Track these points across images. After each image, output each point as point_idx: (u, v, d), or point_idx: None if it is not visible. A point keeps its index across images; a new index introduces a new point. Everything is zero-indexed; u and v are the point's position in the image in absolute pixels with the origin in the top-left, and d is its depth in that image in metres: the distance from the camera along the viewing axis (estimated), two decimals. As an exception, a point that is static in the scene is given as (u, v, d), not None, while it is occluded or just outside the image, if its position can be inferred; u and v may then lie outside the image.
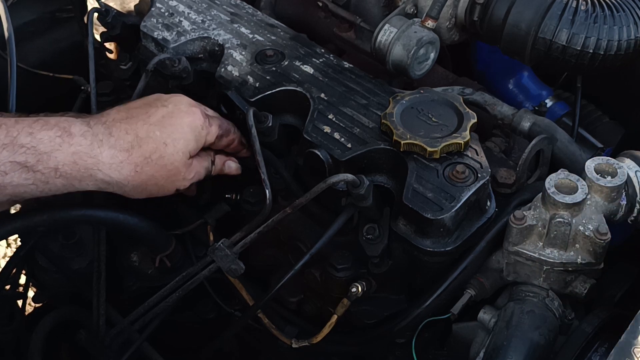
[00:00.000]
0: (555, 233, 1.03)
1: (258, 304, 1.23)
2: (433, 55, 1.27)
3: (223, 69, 1.25)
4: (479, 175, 1.08)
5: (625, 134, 1.42)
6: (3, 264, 1.40)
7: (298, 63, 1.25)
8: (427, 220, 1.05)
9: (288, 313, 1.30)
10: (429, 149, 1.08)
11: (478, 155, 1.11)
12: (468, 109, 1.14)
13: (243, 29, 1.31)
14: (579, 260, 1.04)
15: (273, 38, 1.30)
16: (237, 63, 1.26)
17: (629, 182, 1.07)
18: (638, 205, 1.08)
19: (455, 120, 1.13)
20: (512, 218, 1.04)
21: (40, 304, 1.58)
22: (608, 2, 1.22)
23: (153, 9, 1.36)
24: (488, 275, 1.12)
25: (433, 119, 1.13)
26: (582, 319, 1.07)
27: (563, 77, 1.58)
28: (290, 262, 1.23)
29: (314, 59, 1.26)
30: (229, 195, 1.31)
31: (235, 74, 1.24)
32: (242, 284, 1.27)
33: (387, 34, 1.24)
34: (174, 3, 1.36)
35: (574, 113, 1.41)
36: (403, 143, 1.09)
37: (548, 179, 1.04)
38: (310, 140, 1.14)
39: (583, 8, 1.21)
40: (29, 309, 1.59)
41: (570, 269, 1.05)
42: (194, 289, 1.19)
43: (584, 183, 1.04)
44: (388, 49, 1.24)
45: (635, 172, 1.09)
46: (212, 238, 1.31)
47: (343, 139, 1.14)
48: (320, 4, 1.39)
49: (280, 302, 1.31)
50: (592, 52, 1.20)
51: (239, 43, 1.29)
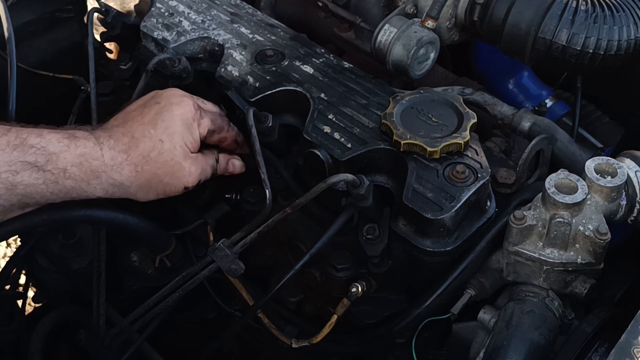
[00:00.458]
0: (555, 233, 1.03)
1: (258, 304, 1.23)
2: (433, 55, 1.27)
3: (223, 69, 1.25)
4: (479, 175, 1.08)
5: (625, 134, 1.42)
6: (3, 264, 1.40)
7: (298, 63, 1.25)
8: (427, 220, 1.05)
9: (288, 313, 1.30)
10: (429, 149, 1.08)
11: (478, 155, 1.11)
12: (468, 109, 1.14)
13: (243, 29, 1.31)
14: (579, 260, 1.04)
15: (273, 38, 1.30)
16: (237, 63, 1.26)
17: (629, 182, 1.07)
18: (638, 205, 1.08)
19: (455, 120, 1.13)
20: (512, 218, 1.04)
21: (40, 304, 1.58)
22: (608, 2, 1.22)
23: (153, 9, 1.36)
24: (488, 275, 1.12)
25: (433, 119, 1.13)
26: (582, 319, 1.07)
27: (563, 77, 1.58)
28: (290, 262, 1.23)
29: (314, 59, 1.26)
30: (229, 195, 1.31)
31: (235, 74, 1.24)
32: (242, 284, 1.27)
33: (387, 34, 1.24)
34: (174, 3, 1.36)
35: (574, 113, 1.41)
36: (403, 143, 1.09)
37: (548, 179, 1.04)
38: (310, 140, 1.14)
39: (583, 8, 1.21)
40: (29, 309, 1.59)
41: (570, 269, 1.05)
42: (194, 289, 1.19)
43: (584, 183, 1.04)
44: (388, 49, 1.24)
45: (635, 172, 1.09)
46: (212, 238, 1.31)
47: (343, 139, 1.14)
48: (320, 4, 1.39)
49: (280, 302, 1.31)
50: (592, 52, 1.20)
51: (239, 43, 1.29)
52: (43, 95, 1.56)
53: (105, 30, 1.45)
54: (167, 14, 1.34)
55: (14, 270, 1.38)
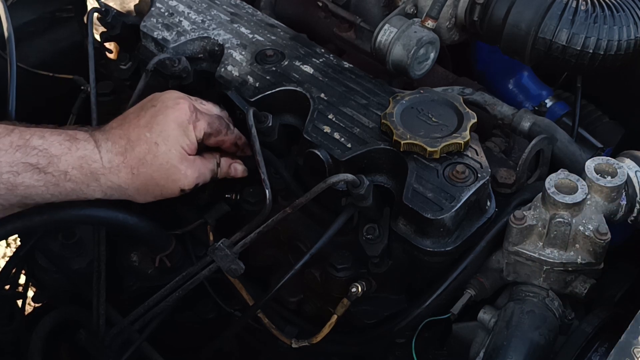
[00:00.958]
0: (555, 233, 1.03)
1: (258, 304, 1.23)
2: (433, 55, 1.27)
3: (223, 69, 1.25)
4: (479, 175, 1.08)
5: (625, 134, 1.42)
6: (3, 264, 1.40)
7: (298, 63, 1.25)
8: (427, 220, 1.05)
9: (288, 313, 1.30)
10: (429, 149, 1.08)
11: (478, 155, 1.11)
12: (468, 109, 1.14)
13: (243, 29, 1.31)
14: (579, 260, 1.04)
15: (273, 38, 1.30)
16: (237, 63, 1.26)
17: (629, 182, 1.07)
18: (638, 205, 1.08)
19: (455, 120, 1.13)
20: (512, 218, 1.04)
21: (40, 304, 1.58)
22: (608, 2, 1.22)
23: (153, 9, 1.36)
24: (488, 275, 1.12)
25: (433, 119, 1.13)
26: (582, 319, 1.07)
27: (563, 77, 1.58)
28: (290, 262, 1.23)
29: (314, 59, 1.26)
30: (229, 195, 1.31)
31: (235, 74, 1.24)
32: (242, 284, 1.27)
33: (387, 34, 1.24)
34: (174, 3, 1.36)
35: (574, 113, 1.41)
36: (403, 143, 1.09)
37: (548, 179, 1.04)
38: (310, 140, 1.14)
39: (583, 8, 1.21)
40: (29, 309, 1.59)
41: (570, 269, 1.05)
42: (194, 289, 1.19)
43: (584, 183, 1.04)
44: (388, 49, 1.24)
45: (635, 172, 1.09)
46: (212, 238, 1.31)
47: (343, 139, 1.14)
48: (320, 4, 1.39)
49: (280, 302, 1.30)
50: (592, 52, 1.20)
51: (239, 43, 1.29)
52: (43, 95, 1.55)
53: (105, 30, 1.45)
54: (167, 14, 1.34)
55: (14, 270, 1.38)
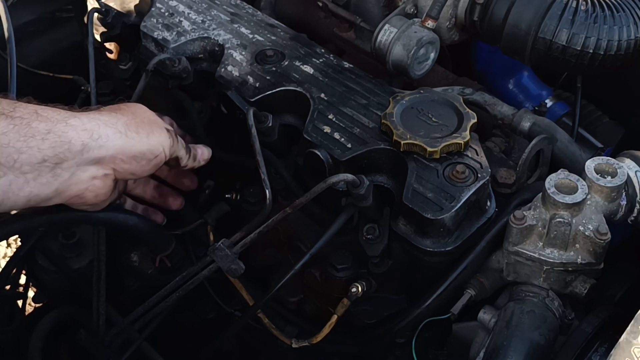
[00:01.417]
0: (555, 233, 1.03)
1: (258, 304, 1.23)
2: (433, 55, 1.27)
3: (223, 69, 1.25)
4: (479, 175, 1.08)
5: (625, 134, 1.42)
6: (3, 264, 1.40)
7: (298, 63, 1.25)
8: (427, 220, 1.05)
9: (288, 313, 1.30)
10: (429, 149, 1.08)
11: (478, 155, 1.11)
12: (468, 109, 1.14)
13: (243, 29, 1.31)
14: (579, 260, 1.04)
15: (273, 38, 1.30)
16: (237, 63, 1.26)
17: (629, 182, 1.07)
18: (638, 205, 1.08)
19: (455, 120, 1.13)
20: (512, 218, 1.04)
21: (40, 304, 1.58)
22: (608, 2, 1.22)
23: (153, 9, 1.36)
24: (488, 275, 1.12)
25: (433, 119, 1.13)
26: (582, 319, 1.07)
27: (563, 77, 1.58)
28: (290, 262, 1.23)
29: (314, 59, 1.26)
30: (229, 195, 1.31)
31: (235, 74, 1.24)
32: (242, 284, 1.27)
33: (387, 34, 1.24)
34: (174, 3, 1.36)
35: (574, 113, 1.41)
36: (403, 143, 1.09)
37: (548, 179, 1.04)
38: (310, 140, 1.14)
39: (583, 8, 1.20)
40: (29, 309, 1.59)
41: (570, 269, 1.05)
42: (194, 289, 1.19)
43: (584, 183, 1.04)
44: (388, 49, 1.24)
45: (635, 172, 1.09)
46: (212, 238, 1.31)
47: (343, 139, 1.14)
48: (320, 4, 1.39)
49: (280, 302, 1.31)
50: (592, 52, 1.20)
51: (239, 43, 1.29)
52: (43, 95, 1.55)
53: (105, 30, 1.45)
54: (167, 14, 1.34)
55: (14, 270, 1.38)
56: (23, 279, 1.46)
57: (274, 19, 1.37)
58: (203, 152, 1.21)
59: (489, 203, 1.12)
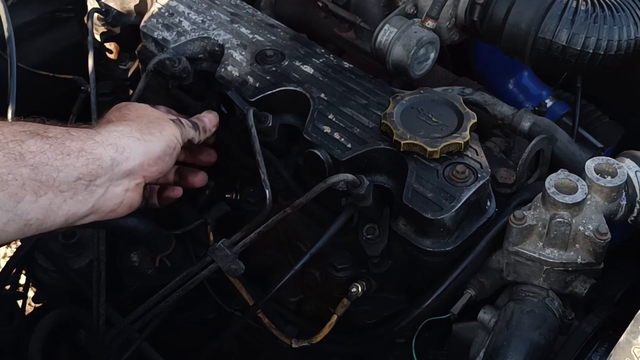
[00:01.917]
0: (555, 233, 1.03)
1: (258, 304, 1.23)
2: (433, 55, 1.27)
3: (223, 69, 1.25)
4: (479, 175, 1.08)
5: (625, 134, 1.42)
6: (3, 264, 1.40)
7: (298, 63, 1.25)
8: (427, 220, 1.05)
9: (288, 313, 1.30)
10: (429, 149, 1.08)
11: (478, 155, 1.11)
12: (468, 109, 1.14)
13: (243, 29, 1.31)
14: (579, 260, 1.04)
15: (273, 38, 1.30)
16: (237, 63, 1.26)
17: (629, 182, 1.07)
18: (638, 205, 1.08)
19: (455, 120, 1.13)
20: (512, 218, 1.04)
21: (40, 304, 1.58)
22: (608, 2, 1.22)
23: (153, 9, 1.36)
24: (488, 275, 1.12)
25: (433, 119, 1.13)
26: (582, 319, 1.07)
27: (563, 77, 1.58)
28: (290, 262, 1.23)
29: (314, 59, 1.26)
30: (229, 195, 1.31)
31: (235, 74, 1.24)
32: (242, 284, 1.27)
33: (387, 34, 1.24)
34: (174, 3, 1.36)
35: (574, 113, 1.41)
36: (403, 143, 1.09)
37: (548, 179, 1.04)
38: (310, 140, 1.14)
39: (583, 8, 1.20)
40: (29, 309, 1.59)
41: (570, 269, 1.05)
42: (194, 289, 1.19)
43: (584, 183, 1.04)
44: (388, 49, 1.24)
45: (635, 172, 1.09)
46: (212, 238, 1.31)
47: (343, 139, 1.14)
48: (320, 4, 1.39)
49: (280, 302, 1.31)
50: (592, 52, 1.20)
51: (239, 43, 1.29)
52: (43, 95, 1.56)
53: (105, 30, 1.45)
54: (167, 14, 1.34)
55: (14, 270, 1.38)
56: (23, 279, 1.47)
57: (274, 19, 1.37)
58: (210, 119, 1.20)
59: (489, 203, 1.12)
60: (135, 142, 1.04)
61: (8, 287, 1.41)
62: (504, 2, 1.25)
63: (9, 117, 1.26)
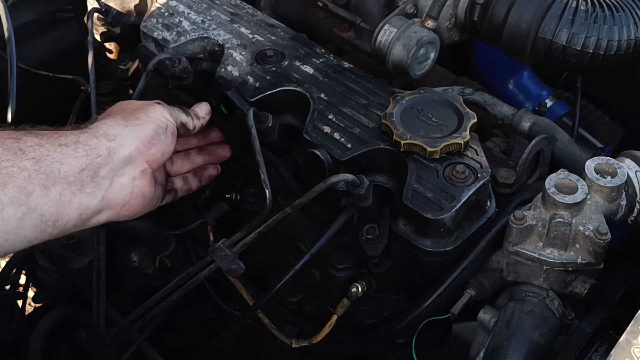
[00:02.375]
0: (555, 233, 1.03)
1: (258, 304, 1.23)
2: (433, 55, 1.27)
3: (223, 69, 1.25)
4: (479, 175, 1.08)
5: (625, 134, 1.42)
6: (3, 264, 1.40)
7: (298, 63, 1.25)
8: (427, 220, 1.05)
9: (288, 313, 1.30)
10: (429, 149, 1.08)
11: (478, 155, 1.11)
12: (468, 109, 1.14)
13: (243, 29, 1.31)
14: (579, 260, 1.04)
15: (273, 38, 1.30)
16: (237, 63, 1.26)
17: (629, 182, 1.07)
18: (638, 205, 1.08)
19: (455, 120, 1.13)
20: (512, 218, 1.04)
21: (40, 304, 1.58)
22: (608, 2, 1.22)
23: (153, 9, 1.36)
24: (488, 275, 1.12)
25: (433, 119, 1.13)
26: (582, 319, 1.07)
27: (563, 77, 1.58)
28: (290, 262, 1.23)
29: (314, 59, 1.26)
30: (229, 195, 1.31)
31: (235, 74, 1.24)
32: (242, 284, 1.27)
33: (387, 34, 1.24)
34: (174, 3, 1.36)
35: (574, 113, 1.41)
36: (403, 143, 1.09)
37: (548, 179, 1.04)
38: (310, 140, 1.14)
39: (583, 8, 1.21)
40: (29, 309, 1.59)
41: (570, 269, 1.05)
42: (194, 289, 1.19)
43: (584, 183, 1.04)
44: (388, 49, 1.24)
45: (635, 172, 1.09)
46: (212, 238, 1.31)
47: (343, 139, 1.14)
48: (320, 4, 1.39)
49: (280, 302, 1.31)
50: (592, 52, 1.20)
51: (239, 43, 1.29)
52: (43, 95, 1.56)
53: (105, 30, 1.45)
54: (167, 14, 1.34)
55: (14, 270, 1.38)
56: (23, 279, 1.47)
57: (274, 19, 1.37)
58: (201, 108, 1.21)
59: (489, 203, 1.12)
60: (124, 129, 1.05)
61: (8, 287, 1.41)
62: (504, 2, 1.25)
63: (9, 117, 1.26)
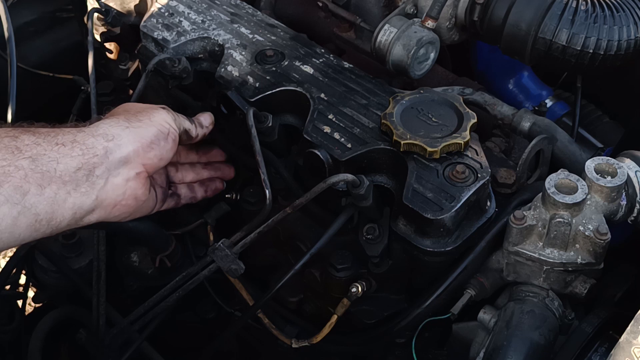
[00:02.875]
0: (555, 233, 1.03)
1: (258, 304, 1.23)
2: (433, 55, 1.27)
3: (223, 69, 1.25)
4: (479, 175, 1.08)
5: (625, 134, 1.42)
6: (3, 264, 1.40)
7: (298, 63, 1.25)
8: (427, 220, 1.05)
9: (288, 313, 1.30)
10: (429, 149, 1.08)
11: (478, 155, 1.11)
12: (468, 109, 1.14)
13: (243, 29, 1.31)
14: (579, 260, 1.04)
15: (273, 38, 1.30)
16: (237, 63, 1.26)
17: (629, 182, 1.07)
18: (638, 205, 1.08)
19: (455, 120, 1.13)
20: (512, 218, 1.04)
21: (40, 304, 1.58)
22: (608, 2, 1.22)
23: (153, 9, 1.36)
24: (488, 275, 1.12)
25: (433, 119, 1.13)
26: (582, 319, 1.07)
27: (563, 77, 1.58)
28: (290, 262, 1.23)
29: (314, 59, 1.26)
30: (229, 195, 1.31)
31: (235, 74, 1.24)
32: (242, 284, 1.27)
33: (387, 34, 1.24)
34: (174, 3, 1.36)
35: (574, 113, 1.41)
36: (403, 143, 1.09)
37: (548, 179, 1.04)
38: (310, 140, 1.14)
39: (583, 8, 1.21)
40: (29, 309, 1.59)
41: (570, 269, 1.05)
42: (194, 289, 1.19)
43: (584, 183, 1.04)
44: (388, 49, 1.24)
45: (635, 172, 1.09)
46: (212, 238, 1.31)
47: (343, 139, 1.14)
48: (320, 4, 1.39)
49: (280, 302, 1.31)
50: (592, 52, 1.20)
51: (239, 43, 1.29)
52: (43, 95, 1.56)
53: (105, 30, 1.45)
54: (167, 14, 1.34)
55: (14, 270, 1.38)
56: (23, 279, 1.47)
57: (274, 19, 1.37)
58: (205, 117, 1.21)
59: (489, 203, 1.12)
60: (124, 130, 1.05)
61: (8, 287, 1.41)
62: (504, 2, 1.25)
63: (9, 117, 1.26)
